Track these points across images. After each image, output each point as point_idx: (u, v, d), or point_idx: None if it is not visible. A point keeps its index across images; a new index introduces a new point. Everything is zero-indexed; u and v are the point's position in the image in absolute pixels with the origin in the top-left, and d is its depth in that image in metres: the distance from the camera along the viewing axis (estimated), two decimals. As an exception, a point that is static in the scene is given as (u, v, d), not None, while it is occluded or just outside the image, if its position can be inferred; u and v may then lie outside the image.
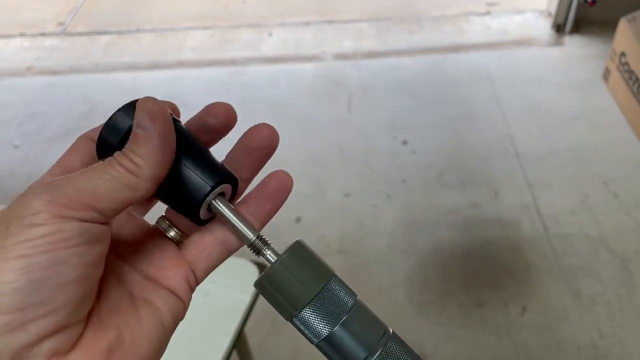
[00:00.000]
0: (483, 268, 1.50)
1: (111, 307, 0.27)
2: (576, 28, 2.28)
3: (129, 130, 0.28)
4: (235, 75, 2.19)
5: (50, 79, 2.24)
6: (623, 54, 1.90)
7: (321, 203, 1.63)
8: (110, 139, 0.29)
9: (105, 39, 2.45)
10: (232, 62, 2.25)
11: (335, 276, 0.29)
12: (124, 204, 0.26)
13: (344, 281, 0.30)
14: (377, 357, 0.28)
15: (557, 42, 2.27)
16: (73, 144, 0.32)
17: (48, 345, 0.23)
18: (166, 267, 0.30)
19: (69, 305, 0.24)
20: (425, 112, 1.99)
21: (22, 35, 2.51)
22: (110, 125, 0.29)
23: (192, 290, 0.31)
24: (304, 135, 1.89)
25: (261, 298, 0.87)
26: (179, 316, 0.30)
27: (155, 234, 0.32)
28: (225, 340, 0.78)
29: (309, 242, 0.30)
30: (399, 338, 0.29)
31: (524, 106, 1.98)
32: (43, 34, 2.50)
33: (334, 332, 0.28)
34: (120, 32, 2.48)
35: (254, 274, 0.82)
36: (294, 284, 0.28)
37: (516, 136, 1.86)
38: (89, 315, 0.26)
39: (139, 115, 0.27)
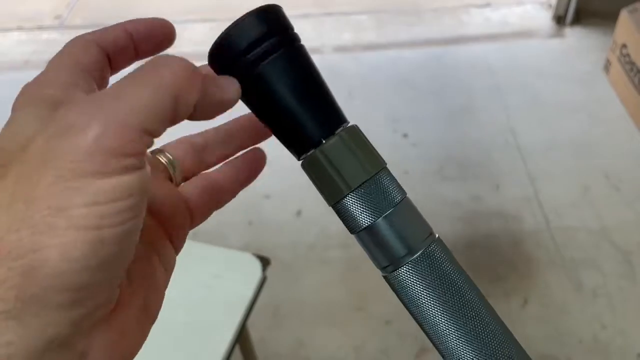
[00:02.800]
0: (484, 261, 1.50)
1: (136, 265, 0.24)
2: (577, 19, 2.27)
3: (262, 38, 0.26)
4: (235, 68, 2.17)
5: (48, 72, 2.22)
6: (624, 46, 1.90)
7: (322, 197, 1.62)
8: (236, 44, 0.26)
9: (103, 32, 2.44)
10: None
11: (387, 169, 0.28)
12: (172, 121, 0.22)
13: (344, 272, 0.29)
14: (418, 257, 0.27)
15: (558, 34, 2.26)
16: (74, 44, 0.25)
17: (97, 315, 0.22)
18: (176, 215, 0.28)
19: (121, 278, 0.22)
20: (426, 105, 1.98)
21: (19, 28, 2.49)
22: (238, 30, 0.26)
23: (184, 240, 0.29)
24: (304, 128, 1.88)
25: (263, 292, 0.87)
26: (171, 272, 0.27)
27: (158, 169, 0.28)
28: (227, 335, 0.77)
29: (310, 236, 0.29)
30: (444, 245, 0.28)
31: (525, 98, 1.97)
32: (40, 28, 2.49)
33: (377, 223, 0.27)
34: (118, 25, 2.47)
35: (257, 268, 0.81)
36: (350, 162, 0.27)
37: (517, 128, 1.85)
38: (128, 280, 0.24)
39: (224, 84, 0.25)
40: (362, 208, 0.27)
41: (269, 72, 0.26)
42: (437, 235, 0.28)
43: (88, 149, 0.19)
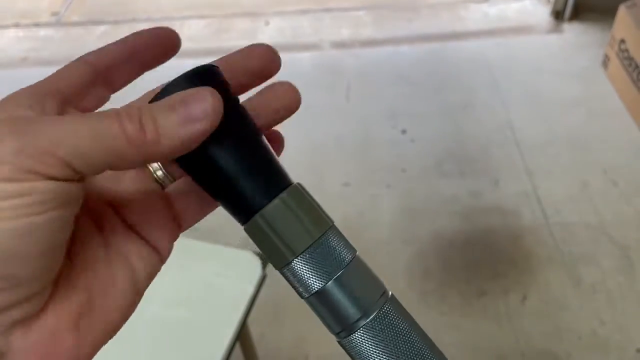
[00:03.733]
0: (483, 257, 1.50)
1: (83, 264, 0.24)
2: (575, 15, 2.27)
3: None
4: (233, 64, 2.17)
5: (46, 69, 2.18)
6: (622, 41, 1.89)
7: (320, 193, 1.62)
8: None
9: (100, 29, 2.43)
10: (229, 52, 2.23)
11: (335, 227, 0.27)
12: (111, 167, 0.21)
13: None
14: (372, 319, 0.25)
15: (556, 29, 2.26)
16: (66, 66, 0.26)
17: (12, 315, 0.21)
18: (149, 213, 0.26)
19: (35, 277, 0.21)
20: (424, 101, 1.98)
21: (16, 25, 2.48)
22: (169, 91, 0.24)
23: (173, 242, 0.27)
24: (302, 124, 1.87)
25: (264, 289, 0.87)
26: (153, 273, 0.26)
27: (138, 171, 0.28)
28: (228, 332, 0.77)
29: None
30: (398, 302, 0.27)
31: (523, 94, 1.97)
32: (37, 24, 2.48)
33: (327, 287, 0.25)
34: (115, 22, 2.46)
35: (257, 266, 0.81)
36: (293, 226, 0.25)
37: (516, 124, 1.85)
38: (59, 274, 0.22)
39: (194, 97, 0.22)
40: (310, 273, 0.26)
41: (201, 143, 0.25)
42: (390, 293, 0.27)
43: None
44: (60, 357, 0.22)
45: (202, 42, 2.30)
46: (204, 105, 0.22)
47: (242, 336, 0.91)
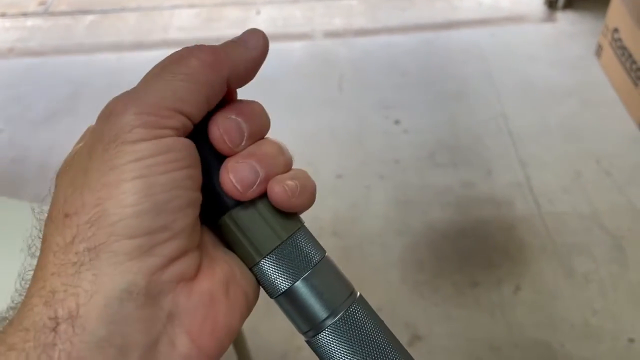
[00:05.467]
0: (476, 247, 1.50)
1: (214, 242, 0.27)
2: (568, 4, 2.26)
3: None
4: (224, 54, 2.14)
5: (33, 60, 2.18)
6: (616, 30, 1.89)
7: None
8: None
9: (88, 18, 2.39)
10: (220, 41, 2.20)
11: (305, 228, 0.28)
12: (208, 103, 0.25)
13: (335, 260, 0.29)
14: (339, 319, 0.26)
15: (550, 18, 2.25)
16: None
17: (176, 269, 0.24)
18: None
19: (188, 229, 0.24)
20: (418, 91, 1.97)
21: (2, 15, 2.43)
22: None
23: None
24: (294, 115, 1.86)
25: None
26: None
27: None
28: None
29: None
30: (366, 302, 0.28)
31: (517, 83, 1.96)
32: (25, 14, 2.43)
33: (294, 287, 0.26)
34: (104, 12, 2.42)
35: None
36: (262, 227, 0.26)
37: (509, 114, 1.84)
38: (202, 246, 0.26)
39: (247, 34, 0.28)
40: (278, 272, 0.26)
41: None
42: (358, 294, 0.28)
43: (126, 125, 0.23)
44: (217, 321, 0.25)
45: (192, 32, 2.27)
46: (257, 37, 0.28)
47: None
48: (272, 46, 0.30)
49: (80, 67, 2.13)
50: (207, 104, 0.25)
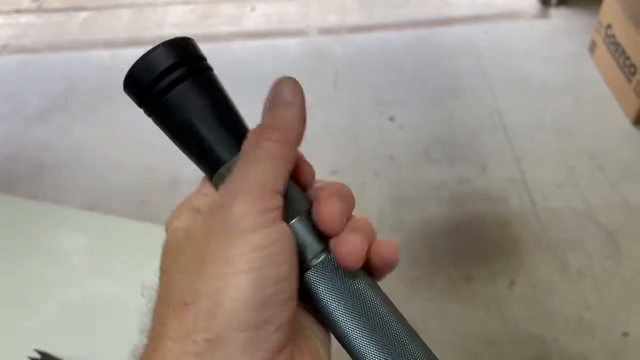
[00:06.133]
0: (471, 243, 1.51)
1: (297, 331, 0.28)
2: (562, 0, 2.26)
3: (165, 71, 0.28)
4: (218, 51, 2.14)
5: (27, 57, 2.17)
6: (609, 26, 1.89)
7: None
8: (143, 77, 0.28)
9: (82, 15, 2.38)
10: (215, 38, 2.20)
11: (292, 180, 0.30)
12: (290, 175, 0.28)
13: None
14: (324, 259, 0.28)
15: (544, 15, 2.25)
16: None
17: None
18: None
19: (288, 322, 0.25)
20: (412, 87, 1.97)
21: (-5, 11, 2.42)
22: (147, 61, 0.28)
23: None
24: (289, 112, 1.86)
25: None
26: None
27: None
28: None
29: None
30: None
31: (511, 80, 1.96)
32: (18, 11, 2.42)
33: (292, 224, 0.28)
34: (98, 8, 2.41)
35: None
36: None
37: (503, 110, 1.85)
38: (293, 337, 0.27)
39: (281, 89, 0.29)
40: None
41: (174, 102, 0.28)
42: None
43: (241, 214, 0.25)
44: None
45: (186, 29, 2.26)
46: (292, 89, 0.29)
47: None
48: (267, 43, 0.30)
49: (74, 64, 2.13)
50: (289, 175, 0.28)
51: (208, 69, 0.29)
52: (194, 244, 0.26)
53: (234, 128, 0.29)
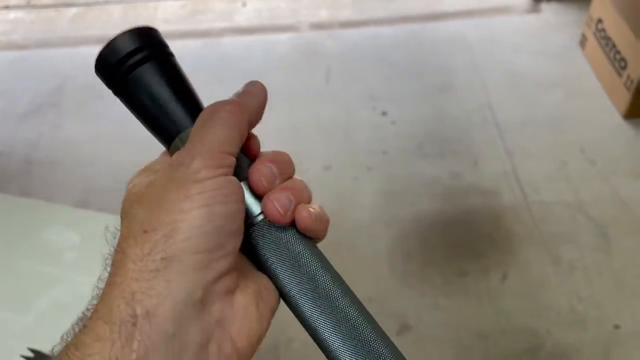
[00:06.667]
0: (464, 237, 1.51)
1: (246, 265, 0.33)
2: (553, -6, 2.27)
3: (129, 54, 0.32)
4: (209, 46, 2.13)
5: (17, 54, 2.15)
6: (600, 21, 1.90)
7: (301, 176, 1.61)
8: (110, 58, 0.33)
9: (72, 11, 2.36)
10: (206, 34, 2.19)
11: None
12: (242, 141, 0.32)
13: (323, 252, 0.34)
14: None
15: (535, 9, 2.26)
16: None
17: (225, 283, 0.30)
18: None
19: (234, 251, 0.30)
20: (405, 82, 1.97)
21: (-16, 8, 2.40)
22: (113, 45, 0.33)
23: None
24: (281, 107, 1.85)
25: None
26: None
27: None
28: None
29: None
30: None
31: (503, 74, 1.97)
32: (7, 7, 2.40)
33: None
34: (88, 4, 2.39)
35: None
36: None
37: (495, 104, 1.85)
38: (238, 266, 0.31)
39: (250, 85, 0.34)
40: None
41: (137, 81, 0.33)
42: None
43: (195, 169, 0.30)
44: (251, 327, 0.31)
45: (177, 24, 2.25)
46: (258, 87, 0.35)
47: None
48: (258, 38, 0.32)
49: (65, 61, 2.11)
50: (241, 143, 0.32)
51: (169, 55, 0.34)
52: (154, 190, 0.30)
53: (190, 105, 0.34)
